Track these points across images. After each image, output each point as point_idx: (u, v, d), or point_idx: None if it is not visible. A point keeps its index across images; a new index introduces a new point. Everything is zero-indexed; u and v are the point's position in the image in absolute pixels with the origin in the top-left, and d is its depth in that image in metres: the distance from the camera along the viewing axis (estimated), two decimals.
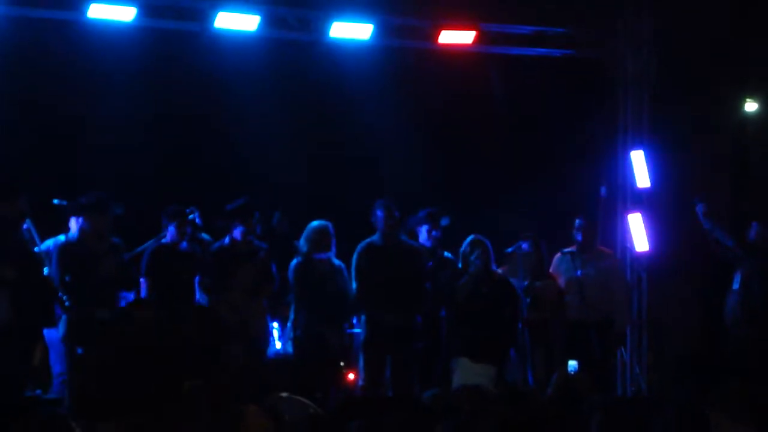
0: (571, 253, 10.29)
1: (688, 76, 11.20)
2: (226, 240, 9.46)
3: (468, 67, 11.12)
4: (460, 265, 9.65)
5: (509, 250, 10.06)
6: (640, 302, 11.26)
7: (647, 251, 11.14)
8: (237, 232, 9.39)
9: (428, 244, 9.79)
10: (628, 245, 11.23)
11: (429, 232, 9.82)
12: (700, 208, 10.32)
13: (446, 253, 9.88)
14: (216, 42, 10.43)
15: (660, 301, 11.28)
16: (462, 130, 11.39)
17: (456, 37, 10.97)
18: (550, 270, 10.26)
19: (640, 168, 11.18)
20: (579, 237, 10.27)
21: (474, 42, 11.06)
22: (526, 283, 9.84)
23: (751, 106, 12.00)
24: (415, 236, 9.86)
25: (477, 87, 11.19)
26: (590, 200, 11.15)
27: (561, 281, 10.19)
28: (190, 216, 9.57)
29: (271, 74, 10.74)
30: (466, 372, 9.00)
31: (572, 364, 9.01)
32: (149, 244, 9.57)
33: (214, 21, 10.23)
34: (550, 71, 11.43)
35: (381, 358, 9.50)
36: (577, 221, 10.32)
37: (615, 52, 11.40)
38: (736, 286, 10.17)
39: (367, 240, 9.64)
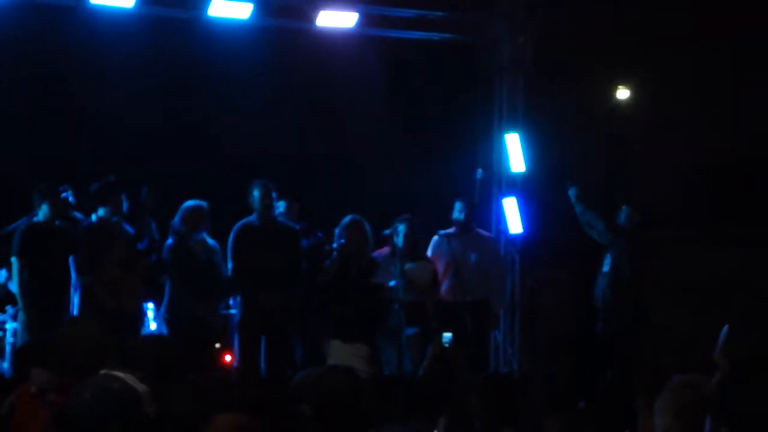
0: (448, 235, 10.38)
1: (563, 62, 11.41)
2: (93, 218, 9.32)
3: (348, 49, 11.13)
4: (335, 246, 9.67)
5: (386, 232, 10.11)
6: (513, 285, 11.44)
7: (521, 234, 11.32)
8: (102, 212, 9.27)
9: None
10: (503, 228, 11.40)
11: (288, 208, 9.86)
12: (572, 192, 10.56)
13: (319, 234, 9.90)
14: (90, 19, 10.23)
15: (533, 284, 11.49)
16: (340, 112, 11.40)
17: (336, 19, 10.96)
18: (428, 252, 10.33)
19: (515, 152, 11.34)
20: (458, 219, 10.37)
21: (355, 24, 11.07)
22: (408, 265, 9.88)
23: (623, 93, 12.30)
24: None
25: (356, 69, 11.21)
26: (467, 183, 11.28)
27: (439, 264, 10.26)
28: (63, 194, 9.40)
29: (148, 51, 10.60)
30: (339, 354, 9.03)
31: (447, 335, 9.06)
32: (20, 222, 9.37)
33: None
34: (430, 55, 11.53)
35: (255, 339, 9.47)
36: (456, 203, 10.40)
37: (493, 37, 11.54)
38: (605, 268, 10.43)
39: (244, 220, 9.58)
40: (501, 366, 11.11)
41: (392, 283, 9.53)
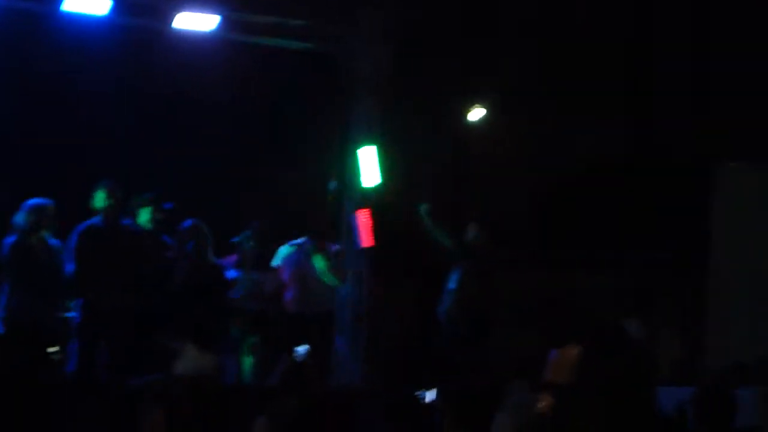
0: (298, 245, 10.41)
1: (419, 77, 11.53)
2: None
3: (208, 53, 11.03)
4: (186, 250, 9.59)
5: (235, 239, 10.07)
6: (361, 298, 11.48)
7: (371, 247, 11.37)
8: None
9: (149, 227, 9.70)
10: (354, 240, 11.44)
11: (152, 215, 9.74)
12: (423, 208, 10.67)
13: (165, 237, 9.81)
14: None
15: (381, 297, 11.56)
16: (195, 116, 11.31)
17: (195, 22, 10.84)
18: (277, 261, 10.33)
19: (369, 165, 11.39)
20: (308, 230, 10.39)
21: (215, 28, 10.95)
22: (254, 275, 9.87)
23: (477, 113, 12.49)
24: (135, 218, 9.76)
25: (216, 74, 11.13)
26: (321, 194, 11.30)
27: (286, 273, 10.27)
28: None
29: None
30: (187, 360, 8.94)
31: (302, 348, 9.09)
32: None
33: None
34: (292, 63, 11.52)
35: (95, 342, 9.33)
36: (305, 215, 10.44)
37: (351, 48, 11.57)
38: (452, 285, 10.57)
39: (88, 222, 9.43)
40: (344, 377, 11.14)
41: (237, 294, 9.55)
